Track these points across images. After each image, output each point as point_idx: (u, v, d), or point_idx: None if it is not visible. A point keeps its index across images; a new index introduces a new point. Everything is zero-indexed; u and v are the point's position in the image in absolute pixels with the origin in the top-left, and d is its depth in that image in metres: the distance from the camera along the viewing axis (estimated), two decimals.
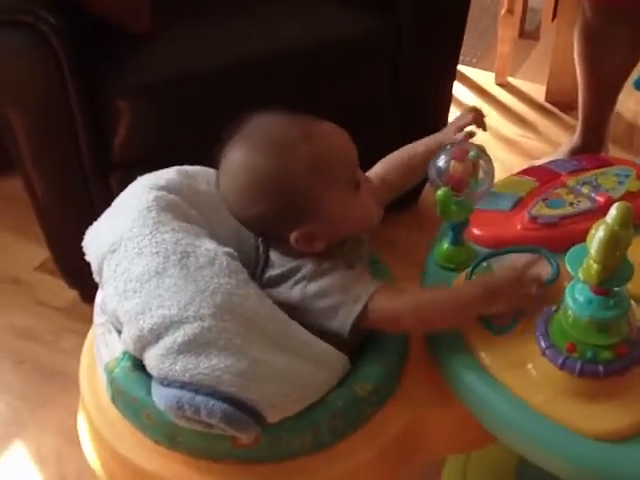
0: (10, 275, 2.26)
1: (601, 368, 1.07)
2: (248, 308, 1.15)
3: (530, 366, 1.13)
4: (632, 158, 1.52)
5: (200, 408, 1.08)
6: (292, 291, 1.22)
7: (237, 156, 1.21)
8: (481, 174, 1.25)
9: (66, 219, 1.94)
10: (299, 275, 1.22)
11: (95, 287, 1.33)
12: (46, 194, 1.93)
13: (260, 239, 1.30)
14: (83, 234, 1.31)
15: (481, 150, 1.27)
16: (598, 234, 1.00)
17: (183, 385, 1.10)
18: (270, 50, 1.90)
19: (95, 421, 1.27)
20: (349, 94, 2.03)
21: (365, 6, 2.02)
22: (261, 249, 1.29)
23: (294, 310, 1.20)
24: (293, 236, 1.20)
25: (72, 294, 2.12)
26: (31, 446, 1.85)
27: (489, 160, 1.27)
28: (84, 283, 1.79)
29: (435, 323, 1.21)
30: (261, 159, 1.18)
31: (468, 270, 1.26)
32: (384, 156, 1.40)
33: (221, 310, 1.13)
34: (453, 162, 1.24)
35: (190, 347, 1.11)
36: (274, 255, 1.27)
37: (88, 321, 1.37)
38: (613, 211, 1.01)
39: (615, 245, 1.00)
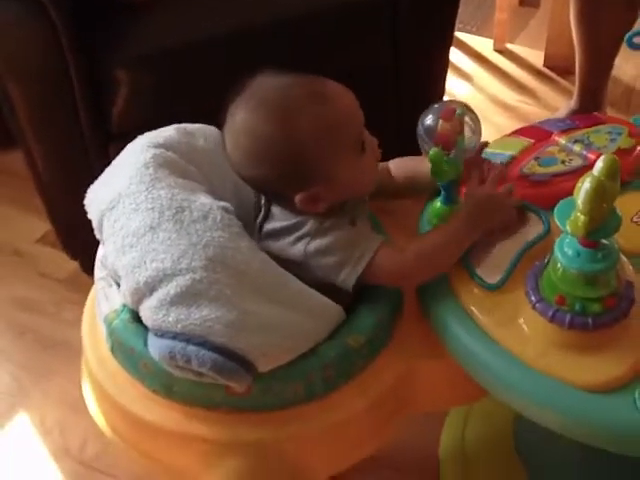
0: (11, 247, 2.27)
1: (590, 320, 1.09)
2: (240, 260, 1.17)
3: (521, 320, 1.14)
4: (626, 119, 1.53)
5: (191, 357, 1.11)
6: (294, 247, 1.24)
7: (242, 117, 1.22)
8: (468, 132, 1.26)
9: (67, 191, 1.94)
10: (301, 232, 1.24)
11: (95, 260, 1.36)
12: (47, 166, 1.94)
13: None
14: (83, 206, 1.33)
15: (467, 108, 1.27)
16: (585, 185, 1.01)
17: (175, 335, 1.13)
18: (267, 18, 1.88)
19: (96, 373, 1.30)
20: (348, 62, 2.02)
21: None
22: (263, 201, 1.31)
23: (295, 265, 1.23)
24: (297, 198, 1.21)
25: (73, 265, 2.13)
26: (35, 417, 1.86)
27: (476, 117, 1.27)
28: (85, 254, 1.82)
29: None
30: (266, 122, 1.19)
31: None
32: (382, 124, 1.39)
33: (213, 262, 1.15)
34: (441, 121, 1.24)
35: (182, 299, 1.13)
36: (276, 209, 1.29)
37: (89, 292, 1.41)
38: (600, 163, 1.02)
39: (601, 196, 1.01)
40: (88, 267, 1.49)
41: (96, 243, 1.37)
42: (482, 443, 1.65)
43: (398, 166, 1.39)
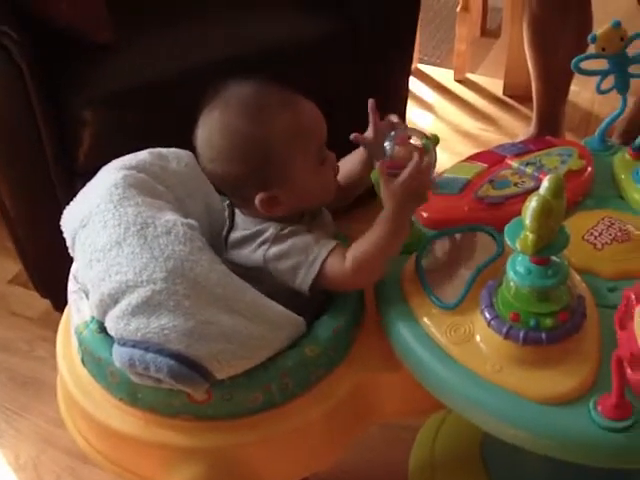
0: None
1: (544, 335, 1.12)
2: (199, 273, 1.22)
3: (477, 338, 1.18)
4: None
5: (149, 364, 1.16)
6: (255, 254, 1.30)
7: (218, 115, 1.29)
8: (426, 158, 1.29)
9: (34, 228, 1.98)
10: (262, 238, 1.30)
11: (67, 297, 1.40)
12: (15, 206, 1.97)
13: (227, 204, 1.38)
14: (53, 245, 1.38)
15: (424, 135, 1.31)
16: (531, 205, 1.05)
17: (135, 344, 1.18)
18: (231, 54, 1.92)
19: (68, 384, 1.34)
20: (310, 91, 2.06)
21: (323, 9, 2.06)
22: (227, 213, 1.37)
23: (258, 272, 1.28)
24: (258, 197, 1.28)
25: (45, 304, 2.15)
26: (9, 453, 1.87)
27: (429, 144, 1.30)
28: (56, 293, 1.84)
29: (375, 268, 1.27)
30: (241, 121, 1.27)
31: (417, 252, 1.31)
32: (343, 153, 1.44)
33: (173, 274, 1.20)
34: (396, 147, 1.28)
35: (143, 309, 1.19)
36: (239, 218, 1.35)
37: None
38: (545, 183, 1.06)
39: (548, 214, 1.05)
40: (59, 305, 1.52)
41: (66, 281, 1.40)
42: (451, 453, 1.68)
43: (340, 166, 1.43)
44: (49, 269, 1.46)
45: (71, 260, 1.39)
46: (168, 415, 1.25)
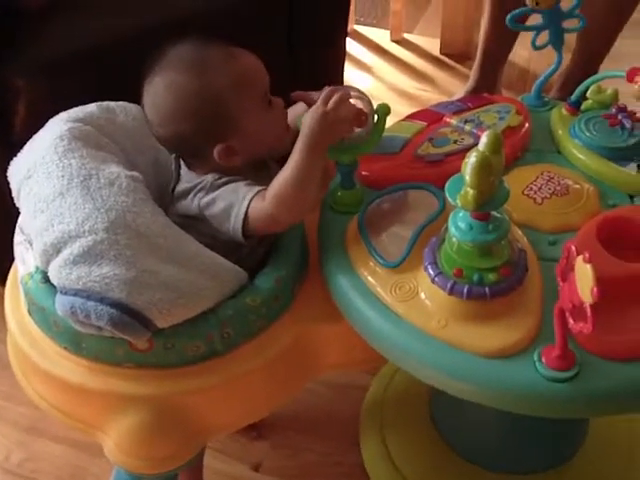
0: None
1: (487, 290, 1.13)
2: (140, 223, 1.24)
3: (422, 295, 1.19)
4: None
5: (90, 312, 1.19)
6: (193, 203, 1.32)
7: (161, 78, 1.30)
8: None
9: None
10: (198, 187, 1.32)
11: (8, 268, 1.43)
12: None
13: (174, 157, 1.39)
14: None
15: (361, 93, 1.31)
16: (471, 160, 1.05)
17: (77, 292, 1.20)
18: (166, 19, 1.90)
19: (17, 336, 1.37)
20: None
21: None
22: (173, 166, 1.39)
23: (197, 222, 1.31)
24: (216, 150, 1.29)
25: None
26: None
27: (369, 102, 1.31)
28: None
29: (298, 200, 1.25)
30: (186, 78, 1.29)
31: (360, 212, 1.31)
32: None
33: (114, 225, 1.22)
34: None
35: (84, 258, 1.21)
36: (183, 171, 1.37)
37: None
38: (484, 139, 1.07)
39: (487, 170, 1.05)
40: (2, 278, 1.50)
41: (8, 252, 1.39)
42: (400, 410, 1.71)
43: None
44: None
45: (12, 231, 1.39)
46: (112, 363, 1.28)
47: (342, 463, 1.73)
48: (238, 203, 1.27)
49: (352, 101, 1.29)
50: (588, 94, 1.47)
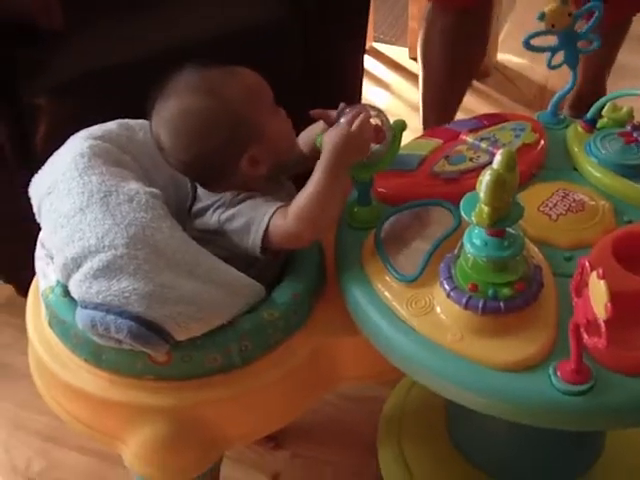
0: None
1: (502, 305, 1.15)
2: (159, 239, 1.26)
3: (438, 310, 1.20)
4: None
5: (110, 326, 1.21)
6: (212, 219, 1.35)
7: (174, 104, 1.33)
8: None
9: None
10: (217, 204, 1.35)
11: (30, 281, 1.45)
12: None
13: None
14: (14, 230, 1.39)
15: (378, 110, 1.33)
16: (485, 178, 1.07)
17: (96, 306, 1.23)
18: (188, 37, 1.92)
19: (37, 348, 1.39)
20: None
21: None
22: (189, 186, 1.42)
23: (216, 236, 1.34)
24: (243, 162, 1.32)
25: (8, 290, 2.14)
26: None
27: (386, 119, 1.34)
28: (19, 278, 1.84)
29: (319, 218, 1.29)
30: (199, 98, 1.31)
31: (377, 228, 1.33)
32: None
33: (133, 240, 1.25)
34: None
35: (104, 272, 1.23)
36: (200, 191, 1.39)
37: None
38: (498, 157, 1.08)
39: (501, 187, 1.07)
40: (23, 290, 1.53)
41: (30, 266, 1.42)
42: (417, 421, 1.73)
43: (302, 138, 1.46)
44: (11, 254, 1.46)
45: (33, 244, 1.41)
46: (131, 376, 1.31)
47: (360, 474, 1.75)
48: (258, 219, 1.30)
49: (372, 120, 1.31)
50: (604, 112, 1.49)
